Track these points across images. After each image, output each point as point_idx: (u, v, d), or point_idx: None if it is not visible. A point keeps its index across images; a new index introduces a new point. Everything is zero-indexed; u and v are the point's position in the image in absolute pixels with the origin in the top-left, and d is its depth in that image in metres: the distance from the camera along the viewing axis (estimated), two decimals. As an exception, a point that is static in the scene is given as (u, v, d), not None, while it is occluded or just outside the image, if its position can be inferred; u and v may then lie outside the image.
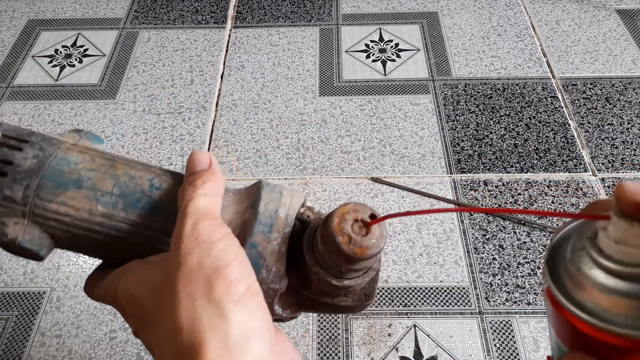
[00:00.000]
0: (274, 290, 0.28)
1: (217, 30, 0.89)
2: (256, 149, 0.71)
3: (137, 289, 0.26)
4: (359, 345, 0.52)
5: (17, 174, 0.28)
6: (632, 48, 0.83)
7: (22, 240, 0.29)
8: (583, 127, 0.73)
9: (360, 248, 0.25)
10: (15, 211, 0.29)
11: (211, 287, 0.23)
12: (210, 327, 0.22)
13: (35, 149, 0.29)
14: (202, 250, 0.24)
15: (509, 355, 0.52)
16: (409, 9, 0.92)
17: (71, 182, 0.29)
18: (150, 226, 0.29)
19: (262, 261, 0.27)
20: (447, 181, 0.67)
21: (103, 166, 0.30)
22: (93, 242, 0.30)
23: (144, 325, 0.26)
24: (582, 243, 0.21)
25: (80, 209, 0.29)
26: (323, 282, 0.28)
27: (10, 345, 0.53)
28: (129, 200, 0.29)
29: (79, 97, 0.79)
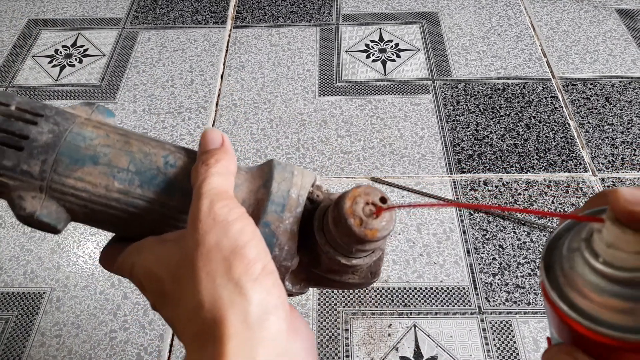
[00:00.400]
0: (285, 268, 0.29)
1: (217, 30, 0.89)
2: (256, 149, 0.71)
3: (156, 267, 0.27)
4: (359, 345, 0.52)
5: (33, 149, 0.28)
6: (632, 48, 0.83)
7: (40, 215, 0.29)
8: (583, 127, 0.73)
9: (371, 230, 0.26)
10: (32, 185, 0.29)
11: (230, 267, 0.24)
12: (230, 304, 0.23)
13: (50, 123, 0.29)
14: (219, 230, 0.25)
15: (509, 355, 0.52)
16: (409, 9, 0.92)
17: (88, 158, 0.29)
18: (166, 204, 0.29)
19: (275, 240, 0.28)
20: (447, 181, 0.67)
21: (118, 142, 0.30)
22: (110, 217, 0.30)
23: (163, 302, 0.27)
24: (578, 243, 0.21)
25: (97, 184, 0.29)
26: (333, 260, 0.29)
27: (10, 345, 0.53)
28: (145, 177, 0.29)
29: (79, 97, 0.79)
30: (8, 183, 0.28)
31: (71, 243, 0.61)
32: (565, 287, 0.22)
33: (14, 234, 0.63)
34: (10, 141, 0.28)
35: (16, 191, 0.29)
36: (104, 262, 0.31)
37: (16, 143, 0.28)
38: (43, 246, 0.61)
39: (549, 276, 0.22)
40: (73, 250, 0.61)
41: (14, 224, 0.64)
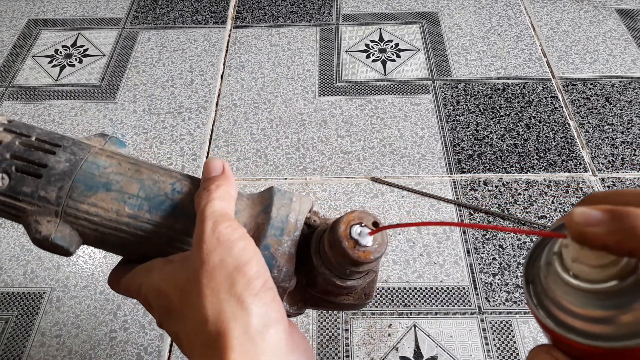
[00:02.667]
0: (283, 289, 0.30)
1: (217, 30, 0.89)
2: (256, 149, 0.71)
3: (163, 285, 0.29)
4: (359, 345, 0.52)
5: (51, 176, 0.30)
6: (632, 48, 0.83)
7: (55, 237, 0.31)
8: (583, 127, 0.73)
9: (364, 252, 0.28)
10: (48, 210, 0.31)
11: (233, 283, 0.26)
12: (232, 318, 0.25)
13: (68, 153, 0.32)
14: (223, 249, 0.27)
15: (509, 355, 0.52)
16: (409, 9, 0.92)
17: (101, 185, 0.31)
18: (173, 227, 0.31)
19: (274, 262, 0.30)
20: (447, 181, 0.67)
21: (129, 170, 0.32)
22: (119, 240, 0.32)
23: (170, 318, 0.28)
24: (551, 256, 0.23)
25: (109, 210, 0.31)
26: (328, 282, 0.30)
27: (10, 345, 0.53)
28: (154, 202, 0.31)
29: (79, 97, 0.79)
30: (26, 208, 0.31)
31: (71, 243, 0.62)
32: (543, 297, 0.23)
33: (14, 234, 0.62)
34: (30, 169, 0.30)
35: (33, 216, 0.31)
36: (112, 283, 0.32)
37: (35, 171, 0.30)
38: (43, 246, 0.61)
39: (528, 286, 0.24)
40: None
41: (14, 224, 0.64)
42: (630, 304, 0.20)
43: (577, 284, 0.21)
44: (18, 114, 0.77)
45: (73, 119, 0.76)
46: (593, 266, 0.21)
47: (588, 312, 0.21)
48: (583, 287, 0.21)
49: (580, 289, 0.21)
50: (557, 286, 0.22)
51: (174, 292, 0.28)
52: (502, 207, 0.64)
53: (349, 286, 0.31)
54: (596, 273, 0.21)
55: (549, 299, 0.23)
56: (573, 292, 0.22)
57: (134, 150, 0.72)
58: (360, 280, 0.31)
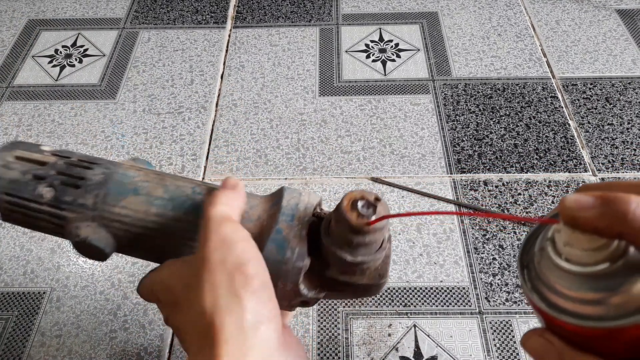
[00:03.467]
0: (298, 268, 0.33)
1: (217, 30, 0.89)
2: (256, 149, 0.71)
3: (171, 280, 0.31)
4: (359, 345, 0.52)
5: (88, 186, 0.35)
6: (632, 48, 0.83)
7: (92, 239, 0.35)
8: (583, 127, 0.73)
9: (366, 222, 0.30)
10: (86, 216, 0.35)
11: (232, 280, 0.28)
12: (228, 312, 0.27)
13: (102, 168, 0.37)
14: (225, 249, 0.29)
15: (509, 355, 0.52)
16: (409, 9, 0.92)
17: (131, 191, 0.36)
18: (194, 222, 0.34)
19: (286, 244, 0.33)
20: (447, 181, 0.67)
21: (155, 179, 0.36)
22: (147, 239, 0.35)
23: (176, 310, 0.30)
24: (545, 242, 0.24)
25: (138, 211, 0.35)
26: (340, 260, 0.33)
27: (10, 345, 0.53)
28: (177, 202, 0.35)
29: (79, 97, 0.79)
30: (67, 216, 0.35)
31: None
32: (536, 281, 0.24)
33: (14, 234, 0.63)
34: (71, 182, 0.35)
35: (73, 222, 0.35)
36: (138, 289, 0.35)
37: (75, 183, 0.35)
38: (43, 246, 0.61)
39: (523, 271, 0.25)
40: (73, 250, 0.61)
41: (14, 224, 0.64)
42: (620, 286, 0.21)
43: (569, 268, 0.22)
44: (18, 114, 0.77)
45: (73, 119, 0.76)
46: (584, 249, 0.22)
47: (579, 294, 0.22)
48: (575, 270, 0.22)
49: (572, 272, 0.22)
50: (550, 270, 0.23)
51: (179, 285, 0.30)
52: (502, 207, 0.64)
53: (360, 262, 0.33)
54: (587, 256, 0.22)
55: (542, 283, 0.24)
56: (565, 276, 0.23)
57: (134, 150, 0.72)
58: (370, 256, 0.33)
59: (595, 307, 0.22)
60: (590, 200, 0.21)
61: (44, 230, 0.38)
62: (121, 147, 0.72)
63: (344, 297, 0.40)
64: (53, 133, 0.74)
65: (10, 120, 0.76)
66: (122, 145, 0.72)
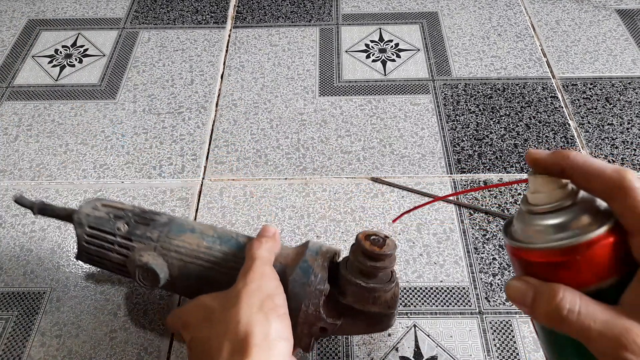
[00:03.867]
0: (319, 290, 0.40)
1: (217, 30, 0.89)
2: (256, 149, 0.71)
3: (210, 302, 0.39)
4: (359, 345, 0.52)
5: (156, 225, 0.45)
6: (632, 48, 0.83)
7: (151, 264, 0.43)
8: (583, 127, 0.73)
9: (378, 249, 0.39)
10: (150, 247, 0.44)
11: (263, 304, 0.36)
12: (258, 325, 0.35)
13: (167, 216, 0.47)
14: (262, 281, 0.38)
15: (509, 355, 0.52)
16: (409, 9, 0.92)
17: (188, 230, 0.45)
18: (237, 256, 0.43)
19: (311, 270, 0.41)
20: (447, 181, 0.67)
21: (207, 225, 0.46)
22: (196, 267, 0.44)
23: (207, 325, 0.37)
24: (520, 205, 0.31)
25: (192, 243, 0.44)
26: (355, 285, 0.40)
27: (10, 346, 0.53)
28: (224, 240, 0.45)
29: (79, 97, 0.79)
30: (135, 246, 0.44)
31: (71, 243, 0.61)
32: (515, 233, 0.31)
33: (14, 234, 0.63)
34: (142, 221, 0.45)
35: (139, 252, 0.44)
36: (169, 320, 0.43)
37: (146, 222, 0.45)
38: (43, 246, 0.61)
39: (505, 230, 0.32)
40: (73, 250, 0.61)
41: (14, 224, 0.64)
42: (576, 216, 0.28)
43: (536, 209, 0.29)
44: (18, 114, 0.77)
45: (73, 119, 0.76)
46: (547, 191, 0.29)
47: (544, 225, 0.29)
48: (540, 209, 0.29)
49: (538, 212, 0.29)
50: (523, 219, 0.30)
51: (217, 306, 0.38)
52: (502, 207, 0.64)
53: (372, 288, 0.40)
54: (549, 197, 0.29)
55: (518, 231, 0.31)
56: (534, 217, 0.29)
57: (134, 150, 0.72)
58: (381, 284, 0.40)
59: (558, 233, 0.28)
60: (545, 151, 0.30)
61: (109, 264, 0.47)
62: (121, 147, 0.72)
63: (357, 331, 0.45)
64: (53, 133, 0.74)
65: (10, 120, 0.76)
66: (122, 145, 0.72)
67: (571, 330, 0.27)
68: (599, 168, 0.28)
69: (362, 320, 0.42)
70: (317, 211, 0.64)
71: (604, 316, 0.26)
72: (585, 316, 0.27)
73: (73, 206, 0.65)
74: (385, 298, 0.41)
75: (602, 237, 0.27)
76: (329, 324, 0.41)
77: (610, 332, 0.26)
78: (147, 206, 0.65)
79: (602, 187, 0.28)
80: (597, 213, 0.28)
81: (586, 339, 0.27)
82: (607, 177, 0.27)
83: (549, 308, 0.28)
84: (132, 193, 0.66)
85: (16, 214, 0.64)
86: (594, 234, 0.27)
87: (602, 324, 0.26)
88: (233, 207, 0.65)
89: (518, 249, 0.30)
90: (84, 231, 0.46)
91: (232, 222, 0.63)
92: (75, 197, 0.66)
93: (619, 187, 0.27)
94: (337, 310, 0.41)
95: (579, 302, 0.27)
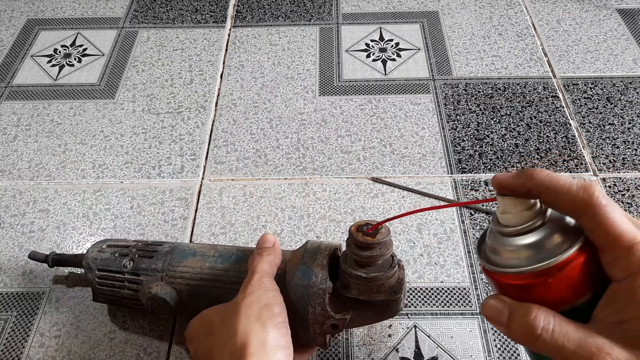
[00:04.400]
0: (322, 290, 0.41)
1: (217, 29, 0.89)
2: (256, 149, 0.71)
3: (211, 316, 0.40)
4: (359, 345, 0.52)
5: (159, 255, 0.47)
6: (633, 47, 0.83)
7: (160, 293, 0.45)
8: (584, 126, 0.73)
9: (370, 239, 0.39)
10: (157, 277, 0.46)
11: (261, 314, 0.37)
12: (255, 335, 0.35)
13: (170, 244, 0.49)
14: (261, 292, 0.39)
15: (510, 355, 0.51)
16: (409, 8, 0.92)
17: (190, 254, 0.47)
18: (239, 270, 0.44)
19: (311, 271, 0.41)
20: (447, 181, 0.66)
21: (208, 246, 0.48)
22: (202, 288, 0.45)
23: (210, 337, 0.38)
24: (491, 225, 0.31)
25: (195, 267, 0.46)
26: (356, 278, 0.40)
27: (10, 346, 0.53)
28: (224, 257, 0.46)
29: (78, 96, 0.79)
30: (142, 280, 0.47)
31: (70, 243, 0.61)
32: (488, 253, 0.31)
33: (13, 234, 0.62)
34: (146, 254, 0.47)
35: (147, 284, 0.46)
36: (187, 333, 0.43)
37: (149, 254, 0.47)
38: (42, 246, 0.61)
39: (479, 249, 0.32)
40: (72, 250, 0.61)
41: (13, 224, 0.63)
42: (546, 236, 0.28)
43: (506, 231, 0.30)
44: (17, 114, 0.76)
45: (72, 119, 0.76)
46: (515, 212, 0.29)
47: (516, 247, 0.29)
48: (510, 231, 0.29)
49: (508, 234, 0.29)
50: (495, 239, 0.30)
51: (218, 318, 0.39)
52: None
53: (373, 277, 0.40)
54: (518, 218, 0.29)
55: (490, 252, 0.31)
56: (505, 239, 0.30)
57: (133, 150, 0.71)
58: (381, 272, 0.40)
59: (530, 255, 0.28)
60: (511, 173, 0.30)
61: (124, 300, 0.49)
62: (120, 147, 0.72)
63: (368, 321, 0.45)
64: (52, 133, 0.74)
65: (9, 120, 0.76)
66: (122, 145, 0.72)
67: (545, 348, 0.28)
68: (565, 186, 0.28)
69: (370, 310, 0.42)
70: (317, 211, 0.64)
71: (577, 335, 0.27)
72: (559, 335, 0.27)
73: (72, 207, 0.65)
74: (389, 284, 0.41)
75: (573, 256, 0.27)
76: (339, 320, 0.41)
77: (582, 352, 0.26)
78: (146, 206, 0.65)
79: (570, 205, 0.28)
80: (567, 231, 0.28)
81: (560, 357, 0.27)
82: (574, 195, 0.27)
83: (523, 327, 0.28)
84: (131, 193, 0.66)
85: (15, 214, 0.64)
86: (565, 255, 0.27)
87: (575, 342, 0.27)
88: (233, 207, 0.64)
89: (492, 272, 0.30)
90: (94, 275, 0.48)
91: (232, 222, 0.63)
92: (74, 197, 0.66)
93: (587, 205, 0.27)
94: (344, 305, 0.42)
95: (553, 322, 0.28)
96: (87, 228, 0.63)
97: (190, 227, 0.62)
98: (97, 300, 0.51)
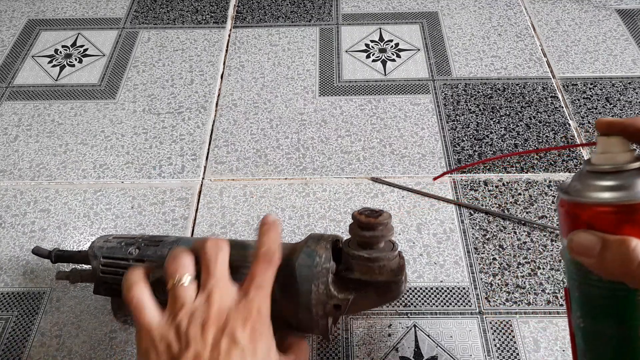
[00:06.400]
0: (326, 269, 0.42)
1: (217, 30, 0.89)
2: (256, 149, 0.71)
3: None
4: (359, 345, 0.52)
5: (165, 244, 0.48)
6: (633, 48, 0.83)
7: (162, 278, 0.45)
8: (583, 127, 0.73)
9: (373, 219, 0.41)
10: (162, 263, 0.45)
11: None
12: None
13: (175, 236, 0.50)
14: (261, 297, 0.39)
15: (509, 355, 0.52)
16: (409, 9, 0.92)
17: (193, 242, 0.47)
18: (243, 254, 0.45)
19: (315, 253, 0.43)
20: (447, 181, 0.67)
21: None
22: None
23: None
24: (580, 170, 0.33)
25: None
26: (359, 258, 0.42)
27: (10, 346, 0.53)
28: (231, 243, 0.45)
29: (79, 97, 0.79)
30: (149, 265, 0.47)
31: (71, 243, 0.61)
32: (579, 190, 0.32)
33: (14, 234, 0.62)
34: (152, 243, 0.48)
35: (154, 270, 0.45)
36: None
37: (156, 243, 0.48)
38: (43, 246, 0.61)
39: (566, 192, 0.33)
40: (73, 250, 0.61)
41: (14, 224, 0.64)
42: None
43: (605, 168, 0.31)
44: (18, 114, 0.77)
45: (73, 119, 0.76)
46: (617, 152, 0.32)
47: (614, 185, 0.31)
48: (609, 168, 0.31)
49: (605, 171, 0.31)
50: (585, 179, 0.32)
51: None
52: (502, 207, 0.64)
53: (375, 257, 0.42)
54: (618, 157, 0.31)
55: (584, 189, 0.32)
56: (602, 175, 0.31)
57: (133, 150, 0.71)
58: (383, 253, 0.42)
59: (628, 190, 0.30)
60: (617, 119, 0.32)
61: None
62: (121, 147, 0.72)
63: (369, 303, 0.46)
64: (53, 133, 0.74)
65: (10, 120, 0.76)
66: (122, 145, 0.72)
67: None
68: None
69: (372, 292, 0.43)
70: (317, 211, 0.64)
71: None
72: None
73: (73, 206, 0.65)
74: (390, 267, 0.42)
75: None
76: (341, 300, 0.42)
77: None
78: (147, 206, 0.65)
79: None
80: None
81: None
82: None
83: (620, 256, 0.28)
84: (132, 193, 0.66)
85: (16, 214, 0.64)
86: None
87: None
88: (233, 207, 0.65)
89: (583, 204, 0.31)
90: (99, 262, 0.48)
91: (232, 222, 0.63)
92: (75, 197, 0.66)
93: None
94: (347, 287, 0.43)
95: None
96: (88, 228, 0.63)
97: (191, 227, 0.63)
98: (97, 293, 0.49)
